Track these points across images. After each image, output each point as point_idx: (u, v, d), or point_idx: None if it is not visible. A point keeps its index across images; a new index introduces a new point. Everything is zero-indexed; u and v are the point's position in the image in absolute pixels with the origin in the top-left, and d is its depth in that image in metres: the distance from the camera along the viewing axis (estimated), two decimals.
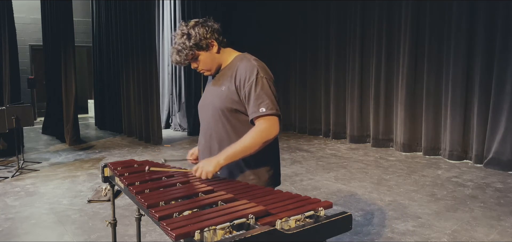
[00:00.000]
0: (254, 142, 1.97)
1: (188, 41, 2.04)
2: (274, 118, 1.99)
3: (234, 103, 2.06)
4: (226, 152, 2.00)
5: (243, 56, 2.15)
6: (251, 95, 2.00)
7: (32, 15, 11.67)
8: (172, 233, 1.38)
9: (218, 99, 2.10)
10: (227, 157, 1.99)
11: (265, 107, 1.97)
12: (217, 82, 2.16)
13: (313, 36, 8.74)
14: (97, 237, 3.80)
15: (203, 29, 2.06)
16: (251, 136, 1.98)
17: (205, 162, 2.01)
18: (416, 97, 7.00)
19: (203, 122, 2.24)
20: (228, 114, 2.08)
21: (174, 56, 2.09)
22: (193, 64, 2.13)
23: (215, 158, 2.01)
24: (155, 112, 8.16)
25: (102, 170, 2.44)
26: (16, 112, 5.90)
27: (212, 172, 1.98)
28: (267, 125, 1.97)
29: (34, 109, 10.99)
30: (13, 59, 7.34)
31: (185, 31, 2.06)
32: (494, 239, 3.64)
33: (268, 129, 1.97)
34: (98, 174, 5.79)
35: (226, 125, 2.10)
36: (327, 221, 1.52)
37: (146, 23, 8.07)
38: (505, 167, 5.74)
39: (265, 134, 1.97)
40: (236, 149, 1.99)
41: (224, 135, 2.10)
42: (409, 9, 6.87)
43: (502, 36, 5.79)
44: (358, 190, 5.05)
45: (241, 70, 2.05)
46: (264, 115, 1.97)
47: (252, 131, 1.99)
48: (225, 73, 2.14)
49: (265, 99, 1.98)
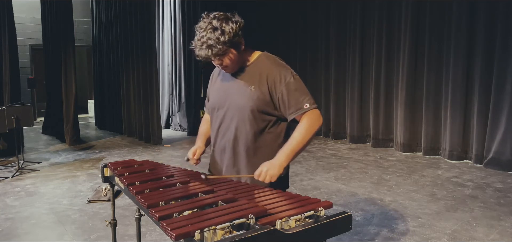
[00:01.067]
0: (308, 136, 2.03)
1: (222, 36, 1.96)
2: (318, 110, 2.08)
3: (265, 104, 2.06)
4: (284, 152, 2.01)
5: (267, 56, 2.15)
6: (290, 94, 2.03)
7: (32, 15, 11.66)
8: (172, 233, 1.38)
9: (247, 99, 2.06)
10: (288, 156, 2.00)
11: (308, 102, 2.04)
12: (242, 81, 2.10)
13: (313, 36, 8.74)
14: (97, 237, 3.80)
15: (235, 25, 2.01)
16: (304, 130, 2.02)
17: (268, 166, 1.98)
18: (416, 97, 7.00)
19: (221, 122, 2.17)
20: (257, 114, 2.07)
21: (203, 51, 1.97)
22: (219, 60, 2.04)
23: (276, 160, 1.99)
24: (155, 112, 8.15)
25: (102, 170, 2.44)
26: (16, 112, 5.89)
27: (277, 175, 1.98)
28: (314, 118, 2.05)
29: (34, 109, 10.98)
30: (13, 59, 7.34)
31: (217, 25, 1.96)
32: (494, 239, 3.64)
33: (317, 121, 2.05)
34: (98, 174, 5.79)
35: (254, 126, 2.08)
36: (327, 221, 1.52)
37: (146, 23, 8.07)
38: (505, 167, 5.74)
39: (315, 126, 2.05)
40: (292, 146, 2.02)
41: (251, 135, 2.09)
42: (409, 9, 6.86)
43: (502, 36, 5.78)
44: (358, 190, 5.05)
45: (274, 71, 2.05)
46: (309, 110, 2.03)
47: (302, 126, 2.03)
48: (251, 72, 2.10)
49: (306, 95, 2.05)
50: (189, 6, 9.19)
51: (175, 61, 9.75)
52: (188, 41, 8.90)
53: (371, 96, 7.70)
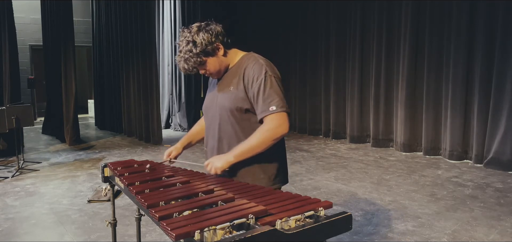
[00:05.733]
0: (264, 140, 1.98)
1: (194, 48, 2.02)
2: (284, 115, 1.99)
3: (243, 102, 2.06)
4: (236, 150, 2.02)
5: (249, 55, 2.15)
6: (259, 94, 2.00)
7: (32, 15, 11.67)
8: (172, 233, 1.38)
9: (227, 99, 2.09)
10: (237, 155, 2.00)
11: (275, 105, 1.98)
12: (224, 82, 2.15)
13: (313, 36, 8.74)
14: (97, 237, 3.80)
15: (207, 34, 2.03)
16: (261, 133, 1.99)
17: (215, 158, 2.04)
18: (416, 97, 7.00)
19: (210, 123, 2.22)
20: (237, 114, 2.08)
21: (181, 65, 2.07)
22: (201, 70, 2.11)
23: (225, 155, 2.03)
24: (155, 112, 8.16)
25: (102, 170, 2.44)
26: (16, 112, 5.90)
27: (221, 168, 2.00)
28: (277, 122, 1.98)
29: (34, 109, 10.99)
30: (13, 59, 7.34)
31: (190, 39, 2.03)
32: (494, 239, 3.64)
33: (279, 126, 1.98)
34: (98, 174, 5.79)
35: (235, 126, 2.09)
36: (327, 221, 1.52)
37: (146, 23, 8.07)
38: (505, 167, 5.74)
39: (276, 132, 1.99)
40: (246, 147, 2.00)
41: (234, 136, 2.10)
42: (409, 9, 6.86)
43: (502, 36, 5.78)
44: (358, 190, 5.05)
45: (249, 69, 2.05)
46: (274, 113, 1.98)
47: (261, 129, 2.00)
48: (232, 73, 2.13)
49: (274, 97, 1.99)
50: (189, 6, 9.19)
51: (175, 61, 9.72)
52: None
53: (371, 96, 7.70)
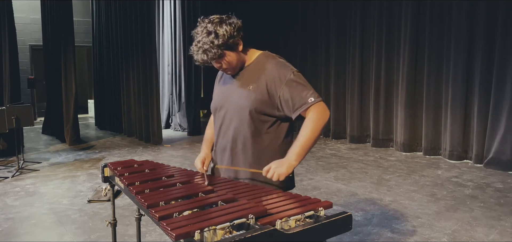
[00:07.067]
0: (316, 128, 1.98)
1: (216, 39, 1.96)
2: (323, 103, 2.03)
3: (263, 104, 2.04)
4: (294, 151, 1.97)
5: (267, 55, 2.14)
6: (293, 91, 2.00)
7: (32, 15, 11.66)
8: (172, 233, 1.38)
9: (244, 99, 2.06)
10: (298, 154, 1.96)
11: (312, 96, 2.00)
12: (241, 80, 2.11)
13: (313, 36, 8.74)
14: (97, 237, 3.80)
15: (230, 27, 2.00)
16: (312, 125, 1.98)
17: (277, 164, 1.95)
18: (416, 97, 7.00)
19: (221, 122, 2.17)
20: (255, 115, 2.05)
21: (199, 55, 1.99)
22: (217, 63, 2.06)
23: (285, 160, 1.97)
24: (155, 112, 8.15)
25: (102, 170, 2.45)
26: (16, 112, 5.89)
27: (286, 174, 1.94)
28: (321, 109, 2.00)
29: (34, 109, 10.99)
30: (13, 59, 7.33)
31: (212, 29, 1.98)
32: (494, 239, 3.64)
33: (324, 111, 2.01)
34: (98, 174, 5.79)
35: (251, 126, 2.06)
36: (327, 221, 1.52)
37: (146, 23, 8.06)
38: (505, 167, 5.74)
39: (324, 117, 2.00)
40: (301, 143, 1.97)
41: (249, 136, 2.07)
42: (409, 9, 6.86)
43: (502, 36, 5.78)
44: (358, 190, 5.05)
45: (274, 71, 2.04)
46: (314, 103, 1.99)
47: (310, 120, 1.98)
48: (250, 72, 2.10)
49: (309, 90, 2.02)
50: (189, 6, 9.18)
51: (175, 61, 9.75)
52: (188, 41, 8.90)
53: (371, 96, 7.70)
